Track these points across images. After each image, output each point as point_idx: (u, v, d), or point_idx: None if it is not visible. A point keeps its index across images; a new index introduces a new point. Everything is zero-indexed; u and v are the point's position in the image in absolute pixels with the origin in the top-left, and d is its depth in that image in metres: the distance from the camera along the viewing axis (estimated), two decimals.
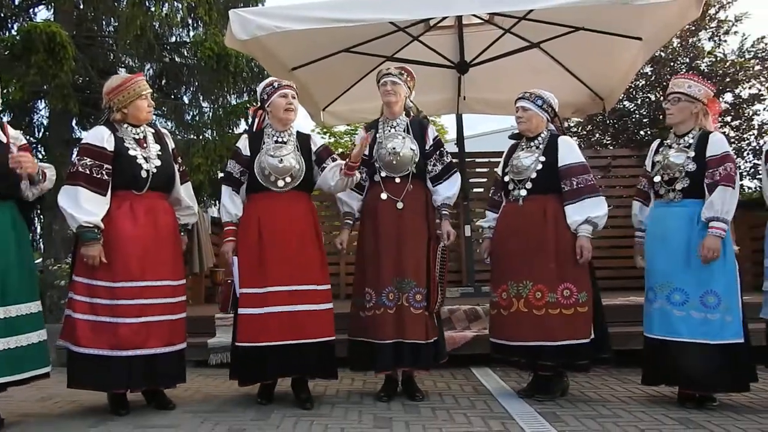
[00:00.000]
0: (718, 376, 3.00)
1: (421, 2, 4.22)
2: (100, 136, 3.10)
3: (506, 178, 3.44)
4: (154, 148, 3.22)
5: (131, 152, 3.12)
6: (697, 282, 3.04)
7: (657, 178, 3.21)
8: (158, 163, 3.18)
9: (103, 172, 3.04)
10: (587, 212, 3.20)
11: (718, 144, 3.10)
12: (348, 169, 3.23)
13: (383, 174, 3.42)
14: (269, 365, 3.14)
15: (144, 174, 3.11)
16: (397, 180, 3.40)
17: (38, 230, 8.20)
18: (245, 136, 3.42)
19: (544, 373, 3.30)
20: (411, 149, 3.41)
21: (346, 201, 3.56)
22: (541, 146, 3.37)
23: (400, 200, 3.36)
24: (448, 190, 3.47)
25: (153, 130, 3.33)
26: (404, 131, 3.46)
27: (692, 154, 3.12)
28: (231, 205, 3.31)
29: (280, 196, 3.25)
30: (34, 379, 2.94)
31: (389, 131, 3.48)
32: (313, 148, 3.38)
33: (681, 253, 3.08)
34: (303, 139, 3.39)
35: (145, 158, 3.15)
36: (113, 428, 2.85)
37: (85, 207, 2.97)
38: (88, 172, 3.01)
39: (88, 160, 3.02)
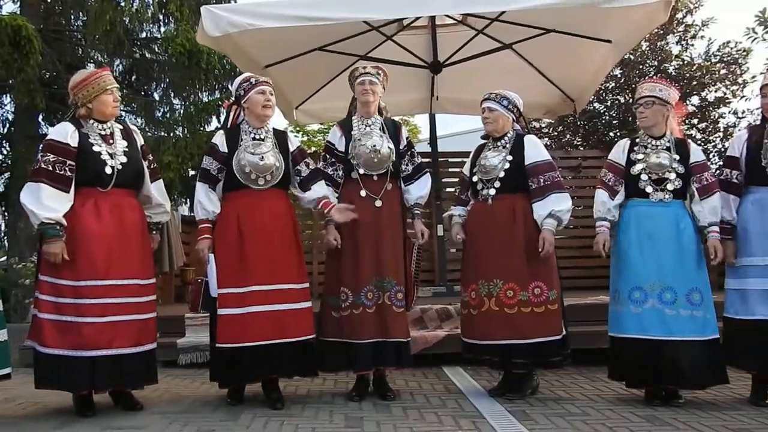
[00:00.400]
0: (708, 371, 3.09)
1: (395, 2, 4.23)
2: (63, 132, 3.04)
3: (474, 178, 3.46)
4: (121, 145, 3.16)
5: (95, 148, 3.06)
6: (684, 280, 3.12)
7: (644, 177, 3.23)
8: (124, 159, 3.12)
9: (66, 169, 2.98)
10: (551, 206, 3.25)
11: (698, 151, 3.29)
12: (323, 215, 3.34)
13: (361, 171, 3.40)
14: (252, 366, 3.11)
15: (109, 170, 3.05)
16: (375, 178, 3.40)
17: (2, 228, 8.02)
18: (221, 132, 3.35)
19: (518, 371, 3.32)
20: (389, 148, 3.42)
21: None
22: (507, 146, 3.41)
23: (379, 198, 3.37)
24: (420, 189, 3.51)
25: (121, 127, 3.27)
26: (380, 130, 3.47)
27: (677, 156, 3.21)
28: (207, 201, 3.23)
29: (259, 194, 3.21)
30: None
31: (365, 129, 3.47)
32: (291, 148, 3.36)
33: (671, 252, 3.15)
34: (280, 137, 3.37)
35: (110, 154, 3.09)
36: (80, 430, 2.80)
37: (47, 204, 2.91)
38: (50, 168, 2.95)
39: (51, 156, 2.96)
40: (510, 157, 3.35)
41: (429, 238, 6.65)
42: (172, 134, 7.90)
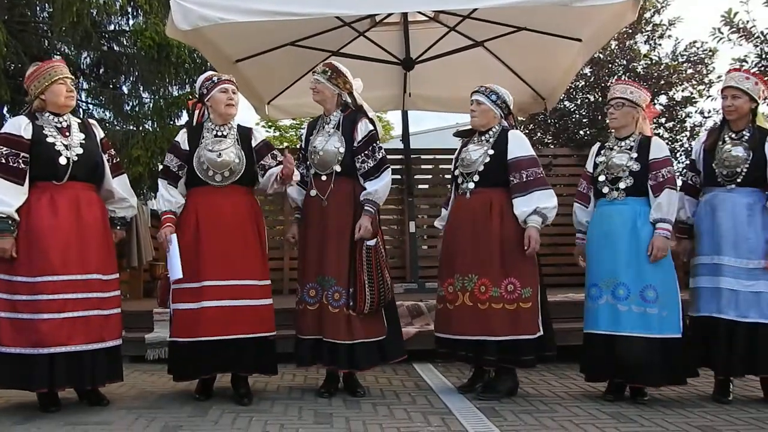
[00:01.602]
0: (657, 370, 3.10)
1: None
2: (17, 124, 3.01)
3: (456, 172, 3.47)
4: (78, 137, 3.11)
5: (49, 139, 3.01)
6: (638, 277, 3.15)
7: (601, 177, 3.29)
8: (80, 151, 3.07)
9: (20, 161, 2.93)
10: (536, 203, 3.20)
11: (659, 147, 3.26)
12: (281, 182, 3.23)
13: (312, 171, 3.41)
14: (205, 361, 3.10)
15: (63, 161, 3.00)
16: (323, 177, 3.36)
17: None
18: (184, 130, 3.37)
19: (489, 369, 3.33)
20: (335, 147, 3.34)
21: (292, 196, 3.54)
22: (491, 140, 3.37)
23: (325, 198, 3.34)
24: (372, 185, 3.32)
25: (79, 120, 3.23)
26: (334, 128, 3.41)
27: (635, 155, 3.24)
28: (167, 194, 3.24)
29: (218, 190, 3.20)
30: None
31: (321, 129, 3.46)
32: (254, 144, 3.32)
33: (624, 249, 3.18)
34: (244, 133, 3.33)
35: (65, 146, 3.04)
36: (42, 426, 2.76)
37: (0, 197, 2.86)
38: (3, 161, 2.90)
39: (4, 149, 2.92)
40: (491, 152, 3.32)
41: (400, 235, 6.80)
42: (141, 128, 7.76)
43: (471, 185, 3.35)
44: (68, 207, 3.00)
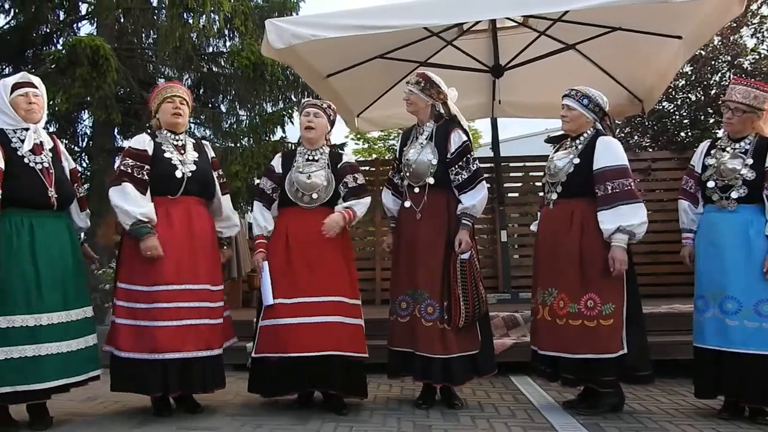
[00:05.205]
0: None
1: (455, 7, 4.20)
2: (141, 139, 3.25)
3: (543, 180, 3.38)
4: (192, 155, 3.32)
5: (167, 155, 3.22)
6: (750, 290, 2.93)
7: (710, 183, 3.09)
8: (193, 168, 3.27)
9: (144, 173, 3.15)
10: (620, 220, 2.99)
11: None
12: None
13: (406, 182, 3.42)
14: (291, 378, 3.13)
15: (179, 174, 3.20)
16: (416, 189, 3.36)
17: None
18: (279, 154, 3.54)
19: (604, 388, 3.12)
20: (427, 158, 3.31)
21: (387, 206, 3.60)
22: (579, 147, 3.22)
23: (419, 210, 3.33)
24: (469, 199, 3.27)
25: (194, 141, 3.43)
26: (427, 139, 3.39)
27: (750, 161, 3.02)
28: (261, 218, 3.40)
29: (307, 212, 3.28)
30: (90, 381, 3.05)
31: (415, 140, 3.46)
32: (339, 165, 3.37)
33: (734, 260, 2.98)
34: (335, 157, 3.40)
35: (180, 161, 3.24)
36: (157, 429, 2.92)
37: (139, 202, 3.09)
38: (130, 171, 3.13)
39: (130, 161, 3.15)
40: (577, 160, 3.17)
41: (491, 244, 6.68)
42: (238, 144, 8.09)
43: (554, 196, 3.24)
44: (181, 220, 3.19)
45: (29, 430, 2.91)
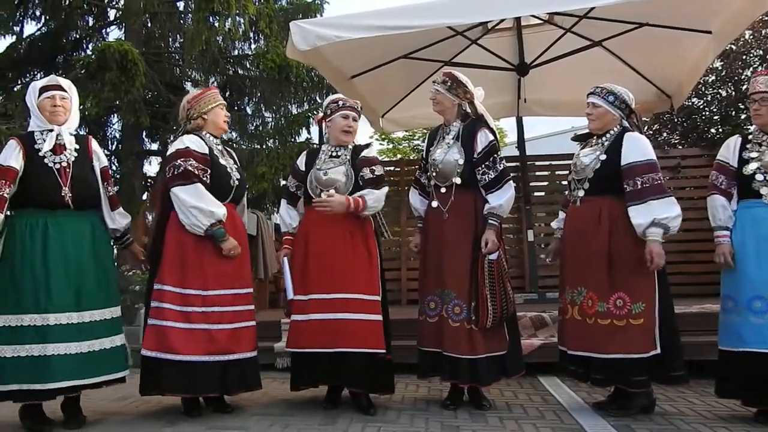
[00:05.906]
0: None
1: (479, 5, 4.18)
2: (199, 143, 3.21)
3: (569, 178, 3.33)
4: (233, 162, 3.36)
5: (222, 161, 3.25)
6: None
7: (759, 177, 2.98)
8: (238, 175, 3.34)
9: (207, 176, 3.16)
10: (654, 214, 2.95)
11: None
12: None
13: (433, 182, 3.41)
14: (311, 372, 3.22)
15: (234, 183, 3.27)
16: (443, 189, 3.34)
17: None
18: (304, 152, 3.55)
19: (634, 389, 3.06)
20: (454, 158, 3.29)
21: (414, 206, 3.61)
22: (606, 143, 3.17)
23: (446, 210, 3.32)
24: (496, 199, 3.23)
25: (221, 145, 3.45)
26: (453, 139, 3.37)
27: None
28: (287, 216, 3.46)
29: None
30: (109, 383, 3.03)
31: (441, 139, 3.45)
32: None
33: None
34: (356, 153, 3.39)
35: (230, 168, 3.29)
36: (187, 428, 2.96)
37: (216, 203, 3.12)
38: (197, 172, 3.11)
39: (195, 162, 3.12)
40: (603, 157, 3.12)
41: (518, 243, 6.63)
42: (264, 146, 8.17)
43: (581, 193, 3.19)
44: (228, 225, 3.19)
45: (63, 428, 2.97)
